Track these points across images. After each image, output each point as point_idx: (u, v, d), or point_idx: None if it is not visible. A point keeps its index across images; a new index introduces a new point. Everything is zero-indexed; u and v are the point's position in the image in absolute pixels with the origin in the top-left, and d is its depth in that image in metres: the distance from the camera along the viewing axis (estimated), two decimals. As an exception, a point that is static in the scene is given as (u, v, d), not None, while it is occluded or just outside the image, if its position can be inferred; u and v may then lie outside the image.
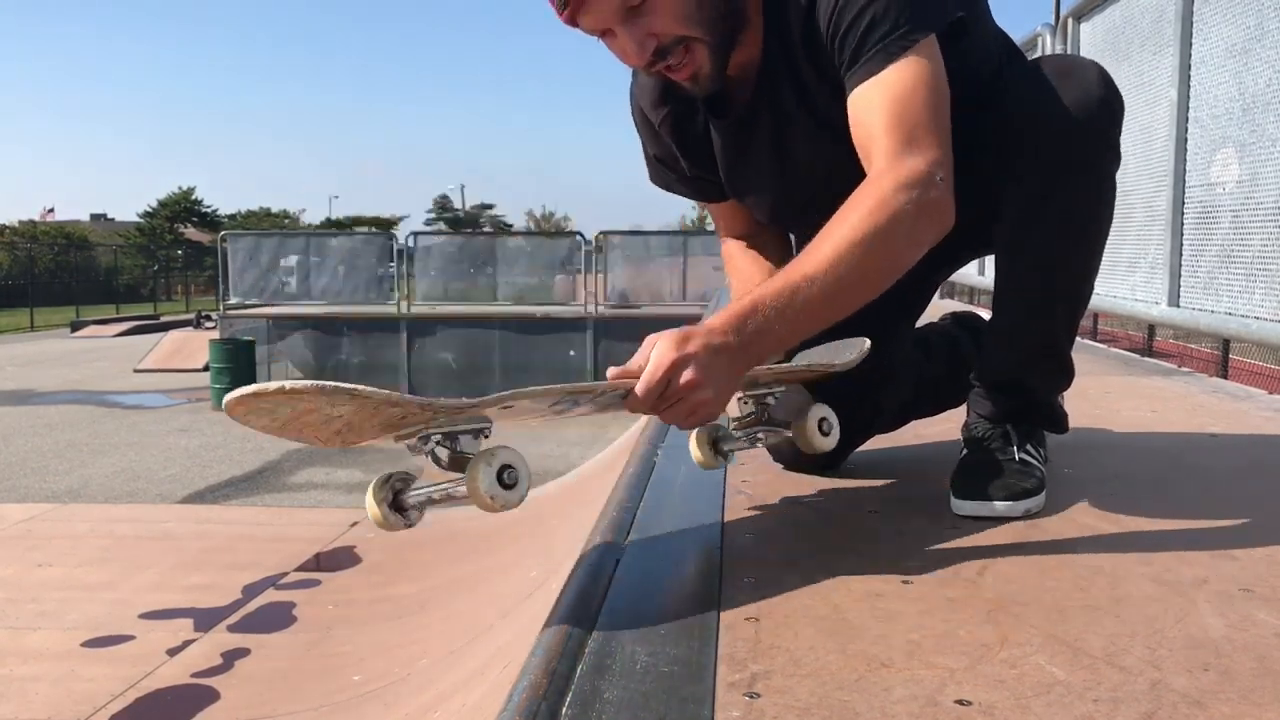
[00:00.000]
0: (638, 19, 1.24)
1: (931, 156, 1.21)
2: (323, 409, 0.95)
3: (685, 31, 1.26)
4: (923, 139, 1.22)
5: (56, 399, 14.91)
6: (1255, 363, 3.72)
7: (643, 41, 1.26)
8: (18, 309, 30.43)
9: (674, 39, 1.26)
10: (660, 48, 1.27)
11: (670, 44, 1.27)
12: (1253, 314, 3.17)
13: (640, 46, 1.26)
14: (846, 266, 1.15)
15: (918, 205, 1.19)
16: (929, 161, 1.21)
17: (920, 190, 1.19)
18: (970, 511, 1.39)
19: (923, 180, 1.20)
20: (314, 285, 16.25)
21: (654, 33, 1.25)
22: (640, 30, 1.25)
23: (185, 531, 6.90)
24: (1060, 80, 1.34)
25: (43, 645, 4.82)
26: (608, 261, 15.86)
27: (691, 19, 1.25)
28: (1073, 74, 1.35)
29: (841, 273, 1.15)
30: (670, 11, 1.24)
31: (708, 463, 1.35)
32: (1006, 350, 1.48)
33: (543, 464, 10.67)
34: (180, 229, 51.38)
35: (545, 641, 0.99)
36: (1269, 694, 0.86)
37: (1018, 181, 1.36)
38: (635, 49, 1.26)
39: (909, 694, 0.86)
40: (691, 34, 1.26)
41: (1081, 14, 5.06)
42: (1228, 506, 1.51)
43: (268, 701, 4.20)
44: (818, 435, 1.39)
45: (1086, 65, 1.38)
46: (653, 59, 1.28)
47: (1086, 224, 1.40)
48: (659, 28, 1.25)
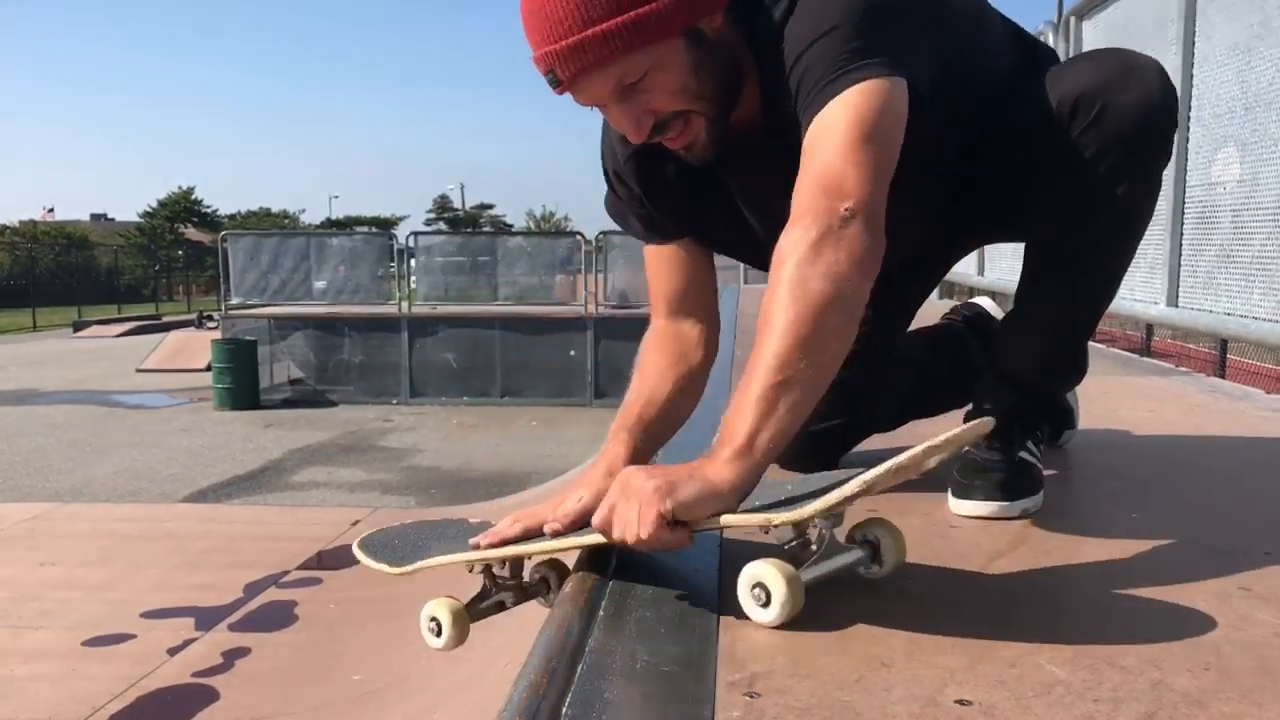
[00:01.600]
0: (634, 96, 1.21)
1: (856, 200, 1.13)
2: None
3: (683, 107, 1.23)
4: (852, 183, 1.13)
5: (59, 399, 14.92)
6: (1253, 362, 3.72)
7: (640, 119, 1.22)
8: (20, 309, 30.45)
9: (671, 114, 1.23)
10: (658, 123, 1.24)
11: (668, 118, 1.24)
12: (1251, 314, 3.17)
13: (637, 124, 1.23)
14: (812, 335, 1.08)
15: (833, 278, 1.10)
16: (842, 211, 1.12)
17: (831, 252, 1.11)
18: (969, 511, 1.39)
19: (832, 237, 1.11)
20: (314, 285, 16.25)
21: (651, 109, 1.22)
22: (637, 108, 1.22)
23: (187, 531, 6.90)
24: (1124, 75, 1.32)
25: (44, 644, 4.82)
26: (608, 261, 15.84)
27: (689, 93, 1.22)
28: (1134, 70, 1.33)
29: (814, 354, 1.08)
30: (667, 88, 1.21)
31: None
32: (1032, 347, 1.47)
33: (543, 464, 10.69)
34: (180, 229, 51.38)
35: (545, 641, 0.99)
36: (1269, 693, 0.87)
37: (1063, 179, 1.34)
38: (632, 126, 1.23)
39: (909, 694, 0.86)
40: (690, 108, 1.24)
41: (1084, 13, 5.06)
42: (1227, 506, 1.51)
43: (268, 701, 4.20)
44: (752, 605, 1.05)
45: (1147, 63, 1.35)
46: (651, 133, 1.25)
47: (1131, 226, 1.40)
48: (657, 104, 1.22)
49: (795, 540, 1.07)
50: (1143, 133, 1.32)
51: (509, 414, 13.98)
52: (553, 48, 1.16)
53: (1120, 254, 1.42)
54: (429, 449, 11.54)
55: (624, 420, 1.37)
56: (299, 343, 15.25)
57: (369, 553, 1.28)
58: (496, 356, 15.04)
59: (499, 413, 14.12)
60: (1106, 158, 1.32)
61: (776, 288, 1.11)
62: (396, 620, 4.62)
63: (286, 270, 16.15)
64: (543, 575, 1.26)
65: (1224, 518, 1.43)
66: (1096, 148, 1.31)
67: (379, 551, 1.29)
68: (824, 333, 1.09)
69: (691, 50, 1.20)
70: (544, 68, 1.19)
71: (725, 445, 1.07)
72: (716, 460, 1.07)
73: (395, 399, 14.87)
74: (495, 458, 10.98)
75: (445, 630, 1.20)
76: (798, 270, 1.10)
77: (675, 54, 1.19)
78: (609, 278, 15.79)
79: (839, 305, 1.10)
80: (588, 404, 14.66)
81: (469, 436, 12.32)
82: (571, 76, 1.18)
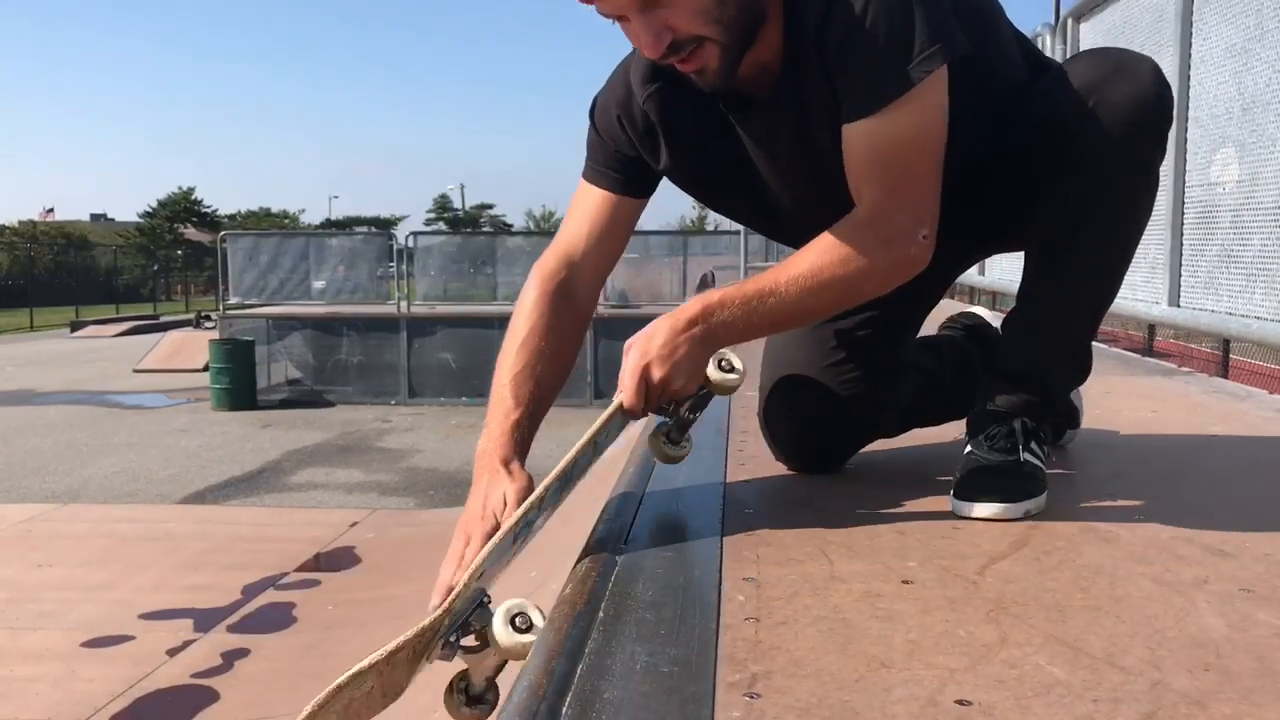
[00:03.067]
0: (656, 9, 1.22)
1: (916, 213, 1.28)
2: (355, 695, 1.02)
3: (702, 31, 1.24)
4: (910, 193, 1.28)
5: (56, 399, 14.91)
6: (1256, 362, 3.71)
7: (659, 33, 1.24)
8: (18, 309, 30.42)
9: (690, 36, 1.25)
10: (675, 41, 1.25)
11: (685, 40, 1.25)
12: (1253, 314, 3.17)
13: (656, 38, 1.24)
14: (813, 298, 1.29)
15: (893, 263, 1.29)
16: (913, 219, 1.28)
17: (899, 248, 1.29)
18: (970, 512, 1.39)
19: (903, 237, 1.28)
20: (313, 285, 16.25)
21: (671, 25, 1.23)
22: (658, 22, 1.23)
23: (185, 532, 6.90)
24: (1114, 75, 1.33)
25: (43, 645, 4.82)
26: (608, 261, 15.84)
27: (710, 16, 1.24)
28: (1126, 66, 1.34)
29: (808, 302, 1.29)
30: (690, 6, 1.22)
31: (670, 456, 1.39)
32: (1034, 346, 1.47)
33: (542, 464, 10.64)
34: (180, 229, 51.36)
35: (545, 641, 0.99)
36: (1269, 694, 0.86)
37: (1063, 177, 1.35)
38: (650, 40, 1.24)
39: (909, 694, 0.86)
40: (708, 34, 1.25)
41: (1081, 14, 5.06)
42: (1228, 506, 1.51)
43: (268, 702, 4.20)
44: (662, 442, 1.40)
45: (1139, 59, 1.36)
46: (666, 51, 1.26)
47: (1132, 221, 1.40)
48: (677, 22, 1.23)
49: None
50: (1138, 129, 1.33)
51: (508, 414, 13.95)
52: None
53: (1121, 251, 1.42)
54: (428, 449, 11.54)
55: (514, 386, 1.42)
56: (297, 343, 15.25)
57: None
58: (495, 357, 15.00)
59: (498, 413, 14.09)
60: (1103, 155, 1.33)
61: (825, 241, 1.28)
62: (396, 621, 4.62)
63: (285, 270, 16.16)
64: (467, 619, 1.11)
65: (1226, 518, 1.42)
66: (1092, 145, 1.32)
67: None
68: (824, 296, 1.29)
69: None
70: None
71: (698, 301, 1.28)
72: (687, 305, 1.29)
73: (394, 399, 14.86)
74: (494, 458, 10.96)
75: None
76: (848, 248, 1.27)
77: None
78: (609, 278, 15.80)
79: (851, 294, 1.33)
80: (587, 404, 14.63)
81: (468, 437, 12.31)
82: None
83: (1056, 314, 1.45)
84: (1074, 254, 1.39)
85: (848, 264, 1.27)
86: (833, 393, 1.56)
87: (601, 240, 1.49)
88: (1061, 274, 1.42)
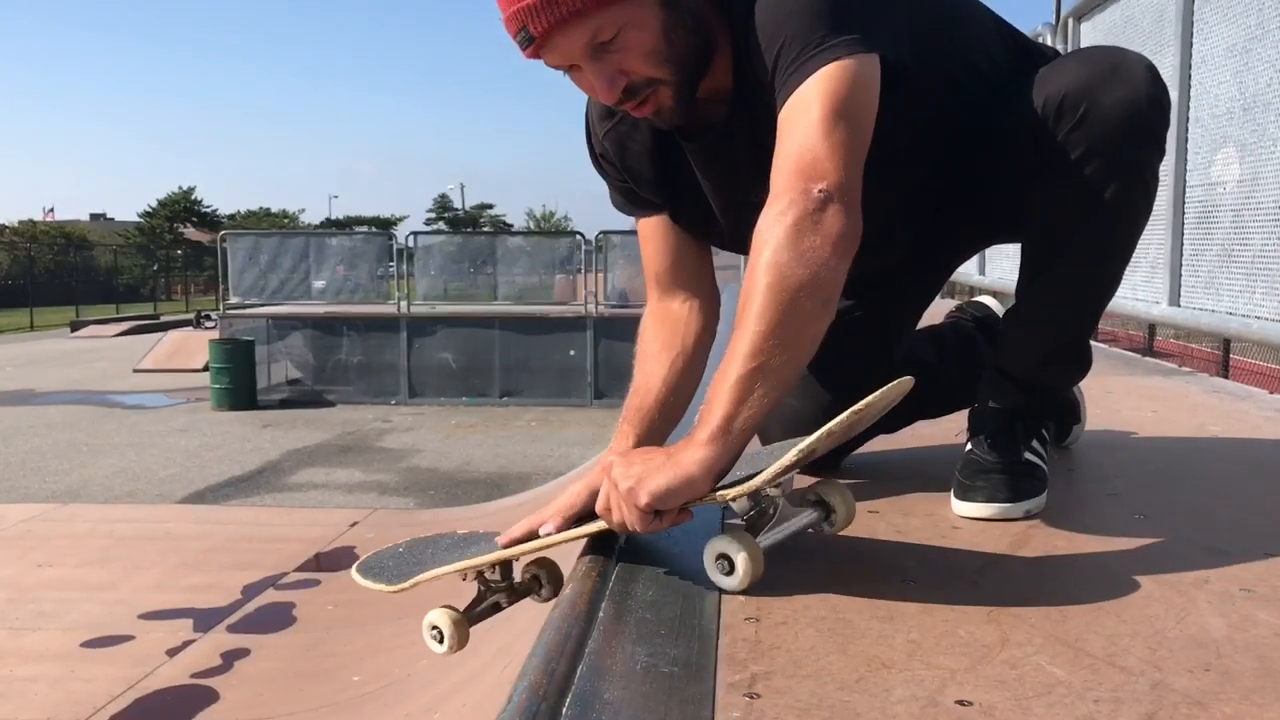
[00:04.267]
0: (607, 56, 1.21)
1: (832, 181, 1.13)
2: None
3: (655, 73, 1.23)
4: (825, 162, 1.14)
5: (56, 399, 14.91)
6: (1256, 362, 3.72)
7: (613, 79, 1.22)
8: (18, 309, 30.43)
9: (644, 80, 1.23)
10: (630, 85, 1.23)
11: (640, 84, 1.24)
12: (1253, 314, 3.17)
13: (610, 84, 1.22)
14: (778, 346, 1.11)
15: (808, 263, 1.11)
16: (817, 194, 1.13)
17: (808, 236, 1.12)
18: (971, 512, 1.39)
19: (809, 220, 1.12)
20: (313, 285, 16.25)
21: (624, 70, 1.22)
22: (610, 67, 1.21)
23: (185, 532, 6.90)
24: (1109, 74, 1.32)
25: (43, 645, 4.81)
26: (608, 261, 15.85)
27: (661, 56, 1.22)
28: (1120, 68, 1.33)
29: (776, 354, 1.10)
30: (640, 48, 1.20)
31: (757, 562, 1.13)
32: (1033, 345, 1.47)
33: (543, 464, 10.69)
34: (180, 229, 51.39)
35: (545, 641, 0.99)
36: (1270, 694, 0.86)
37: (1060, 176, 1.34)
38: (605, 86, 1.23)
39: (909, 694, 0.86)
40: (660, 75, 1.23)
41: (1082, 14, 5.06)
42: (1228, 506, 1.51)
43: (268, 702, 4.20)
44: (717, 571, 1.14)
45: (1134, 60, 1.35)
46: (621, 97, 1.24)
47: (1130, 221, 1.39)
48: (629, 65, 1.22)
49: (752, 510, 1.15)
50: (1131, 132, 1.31)
51: (508, 414, 13.98)
52: (525, 3, 1.16)
53: (1116, 253, 1.42)
54: (428, 449, 11.53)
55: (625, 412, 1.41)
56: (297, 343, 15.25)
57: (366, 574, 1.33)
58: (496, 356, 15.04)
59: (498, 413, 14.12)
60: (1095, 158, 1.32)
61: (753, 271, 1.13)
62: (395, 621, 4.62)
63: (285, 270, 16.15)
64: (533, 574, 1.30)
65: (1226, 518, 1.42)
66: (1085, 148, 1.32)
67: (375, 573, 1.33)
68: (798, 317, 1.11)
69: (665, 11, 1.21)
70: (515, 27, 1.19)
71: (702, 428, 1.11)
72: (693, 444, 1.11)
73: (394, 399, 14.86)
74: (494, 458, 10.98)
75: (446, 637, 1.24)
76: (774, 255, 1.12)
77: (648, 13, 1.19)
78: (609, 277, 15.80)
79: (814, 290, 1.12)
80: (587, 404, 14.66)
81: (468, 437, 12.32)
82: (545, 31, 1.17)
83: (1052, 315, 1.44)
84: (1068, 258, 1.39)
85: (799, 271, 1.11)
86: (827, 391, 1.56)
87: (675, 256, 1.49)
88: (1056, 277, 1.41)
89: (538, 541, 1.23)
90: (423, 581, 1.26)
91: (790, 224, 1.12)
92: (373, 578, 1.32)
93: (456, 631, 1.24)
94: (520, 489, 8.54)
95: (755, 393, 1.10)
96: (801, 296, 1.11)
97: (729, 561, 1.09)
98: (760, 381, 1.10)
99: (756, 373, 1.10)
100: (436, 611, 1.26)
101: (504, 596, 1.29)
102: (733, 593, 1.10)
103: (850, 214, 1.14)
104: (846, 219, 1.13)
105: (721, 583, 1.11)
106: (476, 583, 1.28)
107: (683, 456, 1.10)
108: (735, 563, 1.09)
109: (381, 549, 1.41)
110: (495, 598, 1.29)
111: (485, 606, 1.29)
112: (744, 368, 1.10)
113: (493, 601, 1.29)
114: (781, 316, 1.10)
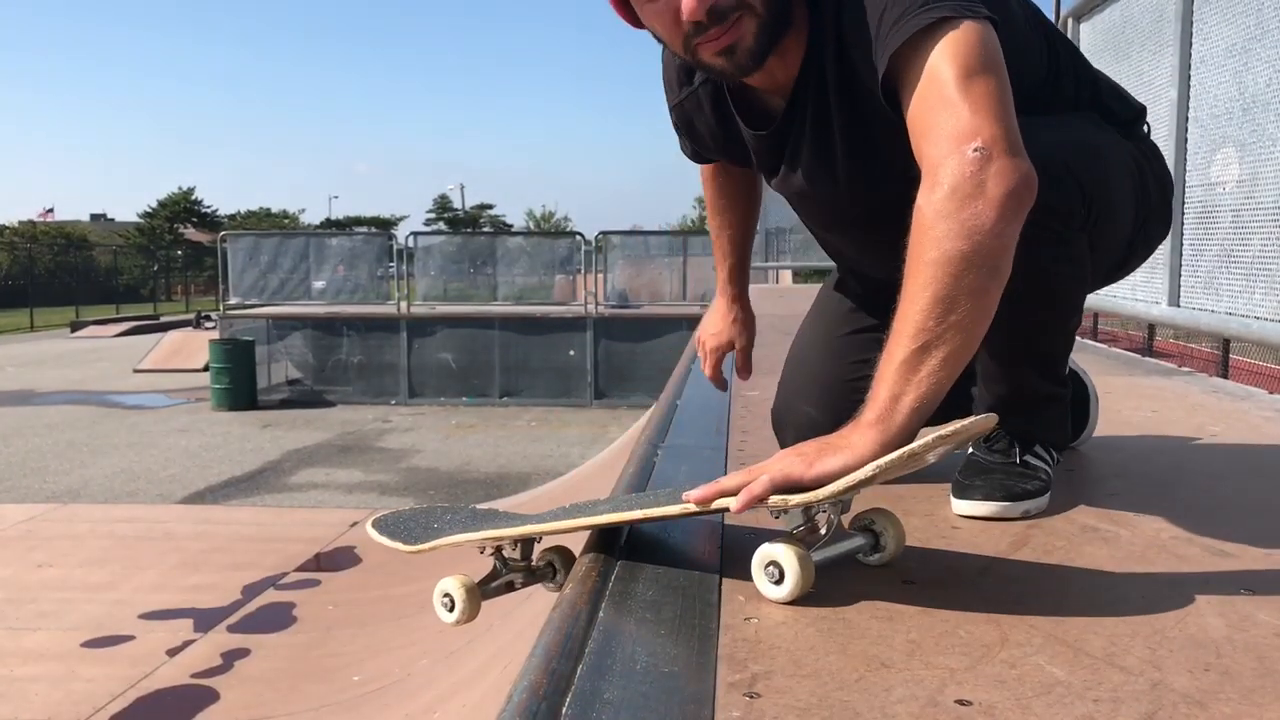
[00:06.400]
0: None
1: (986, 135, 1.09)
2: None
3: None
4: (973, 118, 1.10)
5: (56, 399, 14.91)
6: (1256, 362, 3.72)
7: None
8: (18, 309, 30.43)
9: (733, 3, 1.20)
10: (717, 6, 1.20)
11: (727, 7, 1.21)
12: (1253, 314, 3.17)
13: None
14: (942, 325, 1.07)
15: (998, 202, 1.08)
16: (971, 153, 1.09)
17: (993, 186, 1.08)
18: (968, 510, 1.39)
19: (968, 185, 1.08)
20: (313, 285, 16.25)
21: None
22: None
23: (185, 532, 6.90)
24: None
25: (43, 646, 4.82)
26: (608, 261, 15.86)
27: None
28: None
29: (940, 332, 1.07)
30: None
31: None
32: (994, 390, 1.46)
33: (542, 464, 10.69)
34: (180, 229, 51.36)
35: (545, 641, 0.99)
36: (1270, 694, 0.86)
37: None
38: (693, 1, 1.19)
39: (909, 694, 0.86)
40: (747, 1, 1.21)
41: (1081, 14, 5.06)
42: (1228, 506, 1.51)
43: (268, 702, 4.20)
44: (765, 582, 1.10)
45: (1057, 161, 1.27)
46: (707, 19, 1.20)
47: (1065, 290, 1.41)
48: None
49: (803, 525, 1.10)
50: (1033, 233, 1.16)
51: (508, 414, 13.98)
52: None
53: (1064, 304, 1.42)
54: (428, 450, 11.53)
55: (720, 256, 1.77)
56: (297, 343, 15.25)
57: (383, 531, 1.32)
58: (496, 357, 15.04)
59: (498, 413, 14.12)
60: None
61: (915, 247, 1.10)
62: (395, 621, 4.62)
63: (285, 270, 16.15)
64: (549, 560, 1.29)
65: (1226, 518, 1.43)
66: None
67: (392, 531, 1.32)
68: (961, 293, 1.07)
69: None
70: None
71: (870, 409, 1.08)
72: (860, 425, 1.08)
73: (394, 399, 14.86)
74: (494, 458, 10.98)
75: (458, 605, 1.23)
76: (933, 230, 1.08)
77: None
78: (609, 278, 15.81)
79: (978, 262, 1.07)
80: (587, 404, 14.66)
81: (468, 437, 12.32)
82: None
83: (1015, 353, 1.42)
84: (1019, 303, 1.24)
85: (959, 243, 1.07)
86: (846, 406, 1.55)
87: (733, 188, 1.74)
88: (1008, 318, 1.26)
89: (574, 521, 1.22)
90: (442, 546, 1.24)
91: (947, 193, 1.08)
92: (389, 535, 1.30)
93: (469, 600, 1.22)
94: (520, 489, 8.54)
95: (921, 372, 1.07)
96: (964, 272, 1.07)
97: (779, 570, 1.06)
98: (926, 361, 1.07)
99: (920, 352, 1.07)
100: (450, 579, 1.23)
101: (520, 576, 1.28)
102: (777, 601, 1.06)
103: (1014, 164, 1.09)
104: (1011, 172, 1.09)
105: (766, 590, 1.07)
106: (493, 559, 1.27)
107: (853, 438, 1.07)
108: (786, 573, 1.05)
109: (400, 510, 1.40)
110: (510, 576, 1.27)
111: (499, 584, 1.27)
112: (908, 347, 1.07)
113: (507, 579, 1.27)
114: (944, 292, 1.07)
